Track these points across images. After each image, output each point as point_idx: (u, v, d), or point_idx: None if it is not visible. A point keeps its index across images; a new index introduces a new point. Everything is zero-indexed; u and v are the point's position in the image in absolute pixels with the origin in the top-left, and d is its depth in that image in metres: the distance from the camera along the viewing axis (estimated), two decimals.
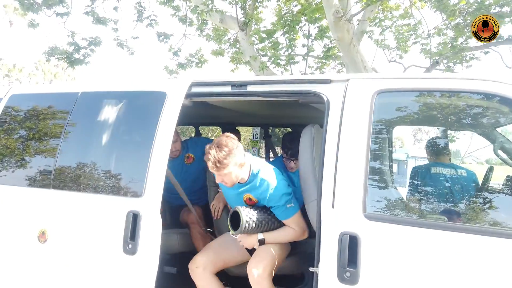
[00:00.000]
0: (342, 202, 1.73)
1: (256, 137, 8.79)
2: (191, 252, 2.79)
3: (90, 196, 2.19)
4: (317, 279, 1.76)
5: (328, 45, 7.94)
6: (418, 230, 1.61)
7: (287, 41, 7.66)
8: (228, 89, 2.22)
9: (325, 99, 1.94)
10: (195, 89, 2.27)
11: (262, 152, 6.93)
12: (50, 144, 2.43)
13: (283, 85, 2.10)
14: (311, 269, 1.80)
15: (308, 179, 2.07)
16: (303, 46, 8.05)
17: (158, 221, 1.98)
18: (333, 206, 1.74)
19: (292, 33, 7.55)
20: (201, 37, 8.89)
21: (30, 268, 2.26)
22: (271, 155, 4.49)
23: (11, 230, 2.35)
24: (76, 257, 2.14)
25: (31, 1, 6.86)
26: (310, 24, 7.51)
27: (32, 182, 2.39)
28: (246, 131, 12.52)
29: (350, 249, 1.67)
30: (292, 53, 7.76)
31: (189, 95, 2.23)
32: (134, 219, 1.99)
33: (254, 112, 3.34)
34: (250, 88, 2.17)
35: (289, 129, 4.60)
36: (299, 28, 7.66)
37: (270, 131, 4.93)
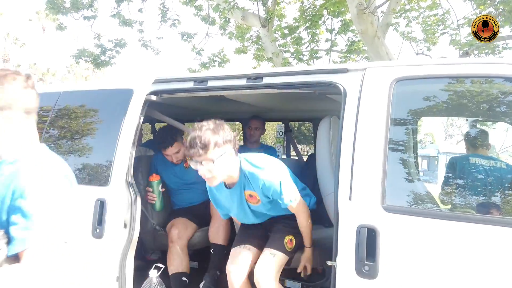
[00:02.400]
0: (360, 194, 1.67)
1: (281, 134, 8.74)
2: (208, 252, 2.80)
3: None
4: (335, 273, 1.72)
5: (352, 38, 7.78)
6: (440, 223, 1.54)
7: (310, 36, 7.55)
8: (243, 82, 2.20)
9: (342, 89, 1.89)
10: (161, 86, 2.37)
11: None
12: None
13: (299, 76, 2.06)
14: (329, 263, 1.75)
15: (325, 172, 2.03)
16: (326, 40, 7.92)
17: (122, 208, 2.16)
18: (350, 199, 1.69)
19: (314, 28, 7.43)
20: (224, 35, 8.93)
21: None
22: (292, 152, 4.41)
23: None
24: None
25: (60, 5, 7.10)
26: (333, 18, 7.38)
27: None
28: (272, 129, 12.50)
29: (369, 242, 1.62)
30: (315, 48, 7.65)
31: (154, 92, 2.37)
32: (101, 206, 2.19)
33: (273, 106, 3.31)
34: (266, 81, 2.15)
35: (308, 123, 4.52)
36: (322, 23, 7.53)
37: (295, 127, 4.84)
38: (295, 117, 4.24)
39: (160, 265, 2.47)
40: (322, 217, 3.09)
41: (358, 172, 1.69)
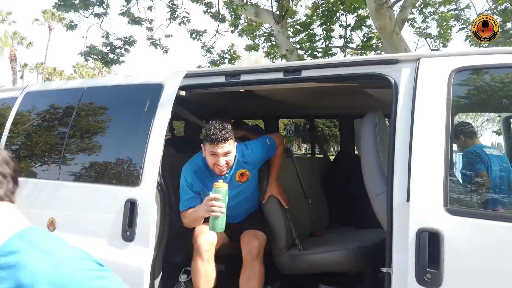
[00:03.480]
0: (419, 194, 1.54)
1: (291, 133, 8.60)
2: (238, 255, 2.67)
3: (94, 186, 2.33)
4: (390, 281, 1.59)
5: (368, 34, 7.61)
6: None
7: (325, 32, 7.41)
8: (280, 75, 2.08)
9: (392, 82, 1.75)
10: (192, 81, 2.26)
11: (296, 150, 6.70)
12: (58, 137, 2.58)
13: (342, 68, 1.93)
14: (383, 269, 1.62)
15: (373, 171, 1.89)
16: (340, 37, 7.76)
17: (154, 209, 2.05)
18: (408, 200, 1.55)
19: (329, 24, 7.28)
20: (234, 32, 8.80)
21: None
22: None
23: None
24: (81, 244, 2.14)
25: (70, 3, 6.99)
26: (348, 14, 7.23)
27: (43, 174, 2.58)
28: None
29: (430, 247, 1.48)
30: (330, 44, 7.50)
31: (185, 87, 2.25)
32: (131, 207, 2.08)
33: (300, 103, 3.18)
34: (305, 74, 2.02)
35: (335, 121, 4.38)
36: (336, 19, 7.38)
37: (303, 126, 4.71)
38: (321, 114, 4.10)
39: (189, 268, 2.35)
40: (356, 218, 2.97)
41: (416, 171, 1.55)
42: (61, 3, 6.83)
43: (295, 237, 2.28)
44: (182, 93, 2.29)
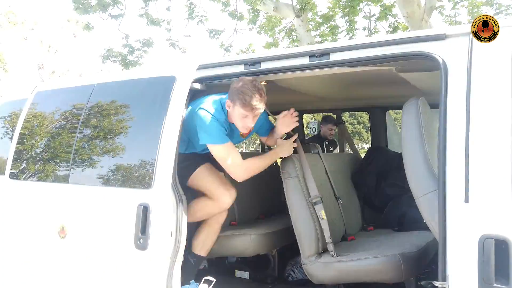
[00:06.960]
0: (481, 194, 1.27)
1: (314, 131, 8.32)
2: (267, 256, 2.46)
3: (104, 189, 2.15)
4: None
5: (394, 24, 7.24)
6: None
7: (348, 23, 7.09)
8: (305, 61, 1.84)
9: (440, 61, 1.49)
10: (207, 72, 2.07)
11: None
12: (68, 138, 2.44)
13: (378, 48, 1.67)
14: (437, 283, 1.36)
15: (418, 166, 1.62)
16: (364, 29, 7.43)
17: (168, 214, 1.87)
18: (466, 200, 1.29)
19: (352, 14, 6.97)
20: (252, 30, 8.61)
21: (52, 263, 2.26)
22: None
23: (33, 225, 2.36)
24: (92, 253, 2.10)
25: (86, 5, 6.97)
26: (372, 4, 6.89)
27: (53, 177, 2.42)
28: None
29: (498, 258, 1.22)
30: (353, 36, 7.19)
31: (199, 79, 2.06)
32: (144, 212, 1.88)
33: (327, 94, 2.92)
34: (334, 57, 1.77)
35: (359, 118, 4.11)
36: (360, 9, 7.05)
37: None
38: (349, 106, 3.81)
39: (210, 278, 2.15)
40: (393, 219, 2.70)
41: (476, 166, 1.29)
42: (77, 6, 6.83)
43: (329, 242, 2.03)
44: (197, 86, 2.09)
